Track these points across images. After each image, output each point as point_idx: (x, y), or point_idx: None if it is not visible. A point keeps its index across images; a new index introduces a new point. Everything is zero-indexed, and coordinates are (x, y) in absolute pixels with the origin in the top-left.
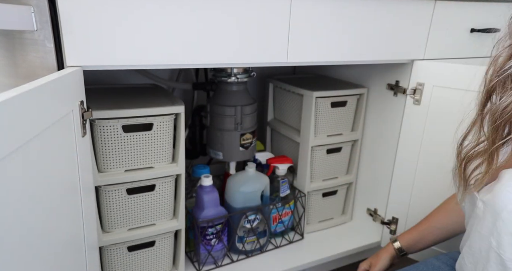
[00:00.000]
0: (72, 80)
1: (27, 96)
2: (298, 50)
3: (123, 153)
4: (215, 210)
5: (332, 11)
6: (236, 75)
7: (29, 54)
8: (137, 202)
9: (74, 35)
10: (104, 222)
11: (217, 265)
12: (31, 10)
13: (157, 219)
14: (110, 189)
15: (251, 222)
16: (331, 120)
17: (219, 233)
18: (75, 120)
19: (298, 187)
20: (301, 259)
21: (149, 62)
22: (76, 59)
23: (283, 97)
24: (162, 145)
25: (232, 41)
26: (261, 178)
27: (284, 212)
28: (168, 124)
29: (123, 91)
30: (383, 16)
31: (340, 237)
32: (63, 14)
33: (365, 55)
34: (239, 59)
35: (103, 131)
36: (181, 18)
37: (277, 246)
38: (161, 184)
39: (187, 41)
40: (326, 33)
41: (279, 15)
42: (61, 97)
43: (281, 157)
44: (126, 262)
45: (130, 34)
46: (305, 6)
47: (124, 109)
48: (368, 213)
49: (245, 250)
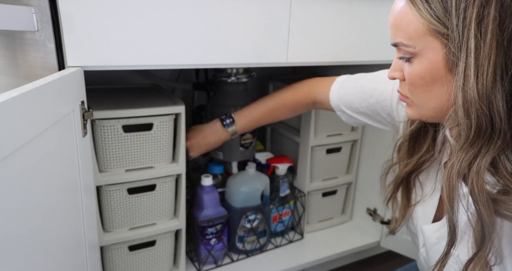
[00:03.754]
0: (72, 81)
1: (28, 97)
2: (298, 50)
3: (124, 152)
4: (215, 209)
5: (332, 11)
6: (236, 75)
7: (29, 55)
8: (137, 202)
9: (75, 36)
10: (105, 221)
11: (217, 265)
12: (32, 10)
13: (157, 219)
14: (111, 188)
15: (251, 221)
16: (331, 120)
17: (219, 232)
18: (75, 121)
19: (298, 186)
20: (301, 259)
21: (149, 62)
22: (76, 59)
23: None
24: (162, 145)
25: (232, 41)
26: (261, 178)
27: (284, 211)
28: (168, 124)
29: (123, 91)
30: (383, 16)
31: (340, 237)
32: (64, 15)
33: (365, 55)
34: (239, 60)
35: (104, 131)
36: (182, 18)
37: (277, 246)
38: (162, 184)
39: (188, 41)
40: (326, 33)
41: (279, 15)
42: (62, 97)
43: (281, 157)
44: (127, 261)
45: (131, 34)
46: (305, 6)
47: (125, 109)
48: (368, 213)
49: (245, 249)
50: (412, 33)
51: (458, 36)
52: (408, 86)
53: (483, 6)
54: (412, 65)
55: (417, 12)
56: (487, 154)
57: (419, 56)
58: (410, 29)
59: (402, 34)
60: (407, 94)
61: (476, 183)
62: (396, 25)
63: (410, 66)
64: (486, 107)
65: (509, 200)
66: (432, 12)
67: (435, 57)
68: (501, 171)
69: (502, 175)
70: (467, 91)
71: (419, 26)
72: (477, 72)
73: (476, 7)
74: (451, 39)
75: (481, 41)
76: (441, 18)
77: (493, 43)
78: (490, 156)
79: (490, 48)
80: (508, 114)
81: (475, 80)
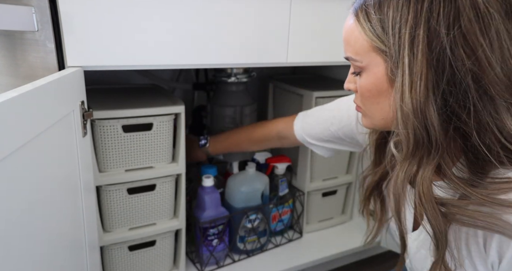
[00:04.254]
0: (72, 81)
1: (28, 97)
2: (298, 50)
3: (124, 152)
4: (216, 210)
5: (332, 11)
6: (236, 75)
7: (30, 55)
8: (137, 202)
9: (75, 36)
10: (105, 221)
11: (219, 266)
12: (32, 10)
13: (157, 219)
14: (110, 188)
15: (252, 221)
16: None
17: (221, 233)
18: (75, 121)
19: (298, 186)
20: (301, 259)
21: (149, 62)
22: (76, 59)
23: (283, 97)
24: (162, 145)
25: (232, 41)
26: (261, 178)
27: (283, 210)
28: (168, 124)
29: (123, 91)
30: None
31: (340, 237)
32: (64, 15)
33: None
34: (239, 60)
35: (104, 131)
36: (182, 18)
37: (277, 245)
38: (162, 184)
39: (188, 41)
40: (326, 33)
41: (279, 15)
42: (62, 97)
43: (280, 156)
44: (127, 261)
45: (131, 35)
46: (305, 6)
47: (124, 109)
48: (368, 213)
49: (246, 249)
50: (359, 49)
51: (395, 53)
52: (359, 98)
53: (413, 27)
54: (361, 79)
55: (362, 30)
56: (428, 163)
57: (366, 71)
58: (357, 45)
59: (351, 49)
60: (360, 105)
61: (423, 190)
62: (346, 40)
63: (360, 79)
64: (421, 121)
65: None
66: (373, 31)
67: (379, 72)
68: (449, 176)
69: (451, 180)
70: (403, 106)
71: (364, 43)
72: (411, 88)
73: (408, 28)
74: (389, 56)
75: (413, 59)
76: (381, 36)
77: (423, 61)
78: (432, 165)
79: (421, 65)
80: (442, 126)
81: (409, 95)
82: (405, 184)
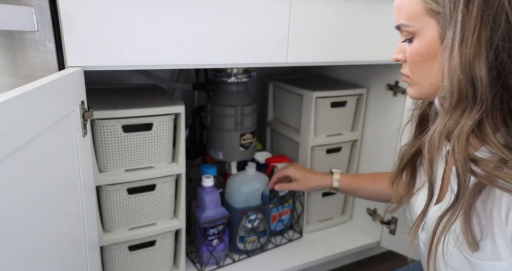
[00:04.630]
0: (72, 81)
1: (28, 97)
2: (298, 50)
3: (124, 152)
4: (216, 210)
5: (332, 11)
6: (236, 75)
7: (29, 55)
8: (137, 202)
9: (75, 36)
10: (105, 221)
11: (219, 266)
12: (32, 10)
13: (157, 219)
14: (110, 188)
15: (252, 221)
16: (331, 121)
17: (221, 233)
18: (75, 121)
19: None
20: (301, 259)
21: (149, 62)
22: (76, 59)
23: (283, 97)
24: (162, 145)
25: (232, 41)
26: (261, 178)
27: (283, 210)
28: (168, 124)
29: (123, 91)
30: (383, 16)
31: (339, 237)
32: (64, 15)
33: (364, 55)
34: (239, 60)
35: (104, 131)
36: (182, 18)
37: (277, 245)
38: (162, 184)
39: (188, 41)
40: (326, 33)
41: (279, 15)
42: (62, 97)
43: (280, 156)
44: (127, 261)
45: (131, 34)
46: (305, 6)
47: (124, 109)
48: (368, 213)
49: (246, 249)
50: (412, 13)
51: (448, 11)
52: (409, 66)
53: None
54: (412, 45)
55: None
56: (469, 117)
57: (418, 36)
58: (410, 9)
59: (403, 15)
60: (408, 74)
61: (458, 143)
62: (398, 8)
63: (411, 46)
64: (468, 75)
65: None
66: None
67: (432, 35)
68: (490, 139)
69: (492, 142)
70: (450, 61)
71: (417, 6)
72: (461, 42)
73: None
74: (442, 15)
75: (467, 15)
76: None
77: (478, 17)
78: (472, 120)
79: (475, 21)
80: (490, 83)
81: (459, 50)
82: (442, 137)
